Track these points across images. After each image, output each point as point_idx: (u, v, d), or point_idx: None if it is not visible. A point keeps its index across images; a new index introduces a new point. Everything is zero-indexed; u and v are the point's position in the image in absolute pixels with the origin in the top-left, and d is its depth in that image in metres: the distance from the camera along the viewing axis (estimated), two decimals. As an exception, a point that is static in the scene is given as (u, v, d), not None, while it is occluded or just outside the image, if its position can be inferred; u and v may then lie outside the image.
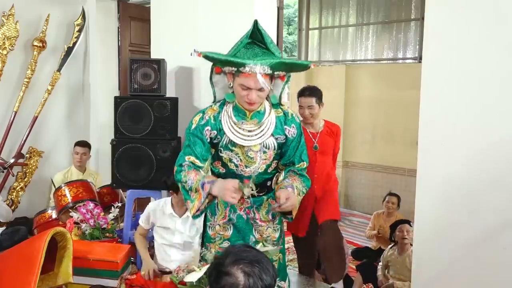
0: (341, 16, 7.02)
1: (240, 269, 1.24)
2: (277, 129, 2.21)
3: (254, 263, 1.27)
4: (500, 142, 2.35)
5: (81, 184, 3.91)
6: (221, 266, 1.27)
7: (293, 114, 2.32)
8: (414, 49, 6.28)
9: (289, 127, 2.23)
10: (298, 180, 2.20)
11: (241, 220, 2.28)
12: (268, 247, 2.21)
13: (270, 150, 2.22)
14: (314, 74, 7.21)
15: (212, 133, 2.23)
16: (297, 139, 2.25)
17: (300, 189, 2.18)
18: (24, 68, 4.64)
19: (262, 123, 2.20)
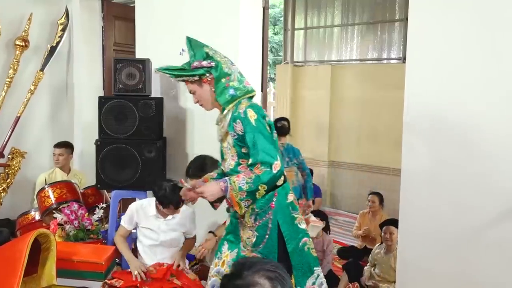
0: (326, 17, 7.05)
1: (263, 276, 1.21)
2: (230, 126, 2.26)
3: (274, 269, 1.25)
4: (483, 141, 2.38)
5: (65, 185, 3.87)
6: (240, 280, 1.23)
7: (241, 111, 2.21)
8: (399, 49, 6.33)
9: (235, 123, 2.22)
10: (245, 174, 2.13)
11: (235, 214, 2.33)
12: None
13: (231, 146, 2.28)
14: (300, 74, 7.24)
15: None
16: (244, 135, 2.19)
17: (237, 184, 2.10)
18: (6, 67, 4.57)
19: (220, 121, 2.33)
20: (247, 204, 2.16)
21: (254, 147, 2.15)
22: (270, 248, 2.25)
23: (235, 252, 2.32)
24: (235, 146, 2.26)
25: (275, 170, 2.13)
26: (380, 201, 5.03)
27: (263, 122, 2.22)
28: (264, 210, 2.24)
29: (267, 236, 2.25)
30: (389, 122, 5.84)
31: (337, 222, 6.25)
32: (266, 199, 2.23)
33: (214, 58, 2.31)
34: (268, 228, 2.25)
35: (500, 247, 2.34)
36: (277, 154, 2.17)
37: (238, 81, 2.31)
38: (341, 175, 6.83)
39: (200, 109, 3.78)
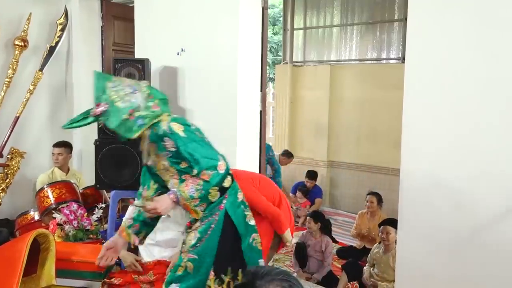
0: (325, 17, 7.05)
1: (277, 286, 1.19)
2: (159, 147, 2.23)
3: (287, 278, 1.23)
4: (483, 141, 2.39)
5: (64, 185, 3.87)
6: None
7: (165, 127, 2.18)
8: (398, 49, 6.34)
9: (164, 142, 2.19)
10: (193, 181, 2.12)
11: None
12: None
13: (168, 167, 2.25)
14: (300, 74, 7.25)
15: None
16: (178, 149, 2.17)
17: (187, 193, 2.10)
18: (5, 67, 4.57)
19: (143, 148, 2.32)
20: (203, 208, 2.17)
21: (193, 158, 2.14)
22: (208, 249, 2.25)
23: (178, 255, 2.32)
24: (172, 165, 2.23)
25: (222, 170, 2.15)
26: (378, 201, 5.03)
27: (191, 130, 2.20)
28: (212, 212, 2.24)
29: (206, 237, 2.24)
30: (388, 122, 5.85)
31: (336, 222, 6.26)
32: (217, 202, 2.23)
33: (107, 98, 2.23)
34: (210, 228, 2.25)
35: (499, 247, 2.35)
36: (217, 154, 2.19)
37: (144, 108, 2.23)
38: (340, 175, 6.83)
39: (200, 109, 3.80)
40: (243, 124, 3.52)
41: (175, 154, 2.18)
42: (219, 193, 2.21)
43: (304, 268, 4.42)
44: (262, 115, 3.73)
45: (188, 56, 3.83)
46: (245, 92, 3.54)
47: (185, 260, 2.25)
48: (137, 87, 2.28)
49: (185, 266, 2.24)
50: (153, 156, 2.28)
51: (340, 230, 5.90)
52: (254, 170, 3.64)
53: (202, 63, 3.72)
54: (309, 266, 4.41)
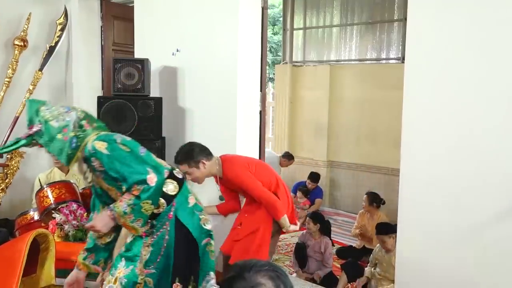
0: (325, 17, 7.05)
1: (265, 276, 1.23)
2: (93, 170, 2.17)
3: (274, 268, 1.27)
4: (482, 141, 2.38)
5: (63, 185, 3.86)
6: (243, 281, 1.24)
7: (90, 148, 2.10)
8: (397, 49, 6.34)
9: (93, 162, 2.12)
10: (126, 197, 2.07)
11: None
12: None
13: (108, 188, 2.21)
14: (299, 74, 7.25)
15: None
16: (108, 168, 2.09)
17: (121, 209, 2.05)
18: (5, 67, 4.57)
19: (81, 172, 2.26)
20: (140, 224, 2.09)
21: (119, 175, 2.07)
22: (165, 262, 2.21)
23: (130, 270, 2.19)
24: (110, 185, 2.17)
25: (153, 183, 2.06)
26: (371, 202, 5.01)
27: (115, 146, 2.10)
28: (161, 224, 2.19)
29: (163, 249, 2.20)
30: (388, 122, 5.85)
31: (336, 222, 6.26)
32: (164, 212, 2.18)
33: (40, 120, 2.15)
34: (164, 240, 2.20)
35: (499, 247, 2.35)
36: (146, 167, 2.08)
37: (78, 127, 2.16)
38: (340, 175, 6.83)
39: (199, 109, 3.81)
40: (243, 124, 3.52)
41: (106, 174, 2.11)
42: (165, 202, 2.15)
43: (304, 268, 4.42)
44: (262, 115, 3.73)
45: (188, 56, 3.83)
46: (245, 92, 3.54)
47: (142, 276, 2.17)
48: (71, 108, 2.23)
49: (144, 282, 2.17)
50: (93, 177, 2.21)
51: (340, 230, 5.90)
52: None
53: (202, 63, 3.73)
54: (308, 266, 4.41)
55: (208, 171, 3.07)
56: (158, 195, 2.12)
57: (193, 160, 3.01)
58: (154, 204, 2.10)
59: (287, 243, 5.33)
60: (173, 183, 2.21)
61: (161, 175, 2.11)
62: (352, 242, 5.30)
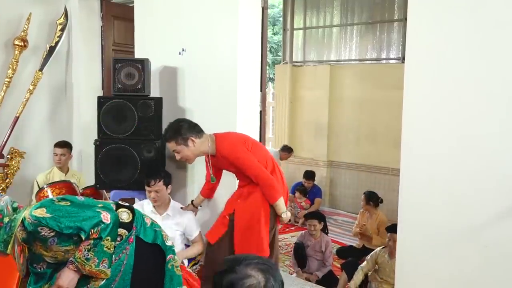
0: (325, 17, 7.06)
1: (254, 268, 1.29)
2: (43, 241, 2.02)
3: (263, 261, 1.32)
4: (482, 141, 2.38)
5: (64, 185, 3.85)
6: (234, 274, 1.28)
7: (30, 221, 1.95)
8: (398, 49, 6.34)
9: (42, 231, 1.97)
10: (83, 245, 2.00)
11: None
12: None
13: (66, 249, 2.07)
14: (299, 74, 7.25)
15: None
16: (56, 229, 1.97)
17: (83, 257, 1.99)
18: (5, 67, 4.57)
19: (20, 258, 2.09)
20: (106, 264, 2.03)
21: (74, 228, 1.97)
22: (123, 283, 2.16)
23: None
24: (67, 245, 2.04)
25: (108, 220, 2.01)
26: (367, 201, 5.02)
27: (54, 205, 2.01)
28: (121, 249, 2.15)
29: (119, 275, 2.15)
30: (388, 122, 5.85)
31: (336, 222, 6.26)
32: (125, 238, 2.16)
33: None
34: (123, 265, 2.16)
35: (499, 247, 2.35)
36: (95, 209, 2.03)
37: (12, 210, 2.06)
38: (340, 175, 6.84)
39: (199, 109, 3.80)
40: (243, 124, 3.52)
41: (59, 236, 1.99)
42: (126, 230, 2.14)
43: (304, 268, 4.42)
44: (262, 115, 3.73)
45: (188, 56, 3.83)
46: (245, 92, 3.54)
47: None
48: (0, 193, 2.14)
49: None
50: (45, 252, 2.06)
51: (340, 230, 5.90)
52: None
53: (202, 63, 3.72)
54: (309, 266, 4.41)
55: (198, 149, 2.95)
56: (116, 230, 2.07)
57: (181, 137, 2.91)
58: (113, 240, 2.05)
59: (287, 243, 5.33)
60: (125, 210, 2.20)
61: (111, 210, 2.07)
62: (352, 242, 5.31)
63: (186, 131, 2.91)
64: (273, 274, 1.30)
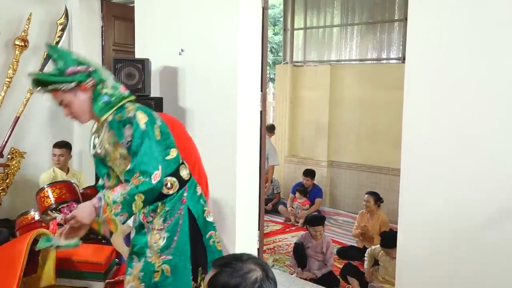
0: (325, 17, 7.06)
1: (252, 263, 1.33)
2: (119, 135, 2.04)
3: (257, 260, 1.36)
4: (483, 141, 2.38)
5: (64, 185, 3.86)
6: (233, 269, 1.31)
7: (130, 114, 2.01)
8: (398, 49, 6.34)
9: (125, 129, 2.02)
10: (121, 186, 1.99)
11: (138, 223, 2.19)
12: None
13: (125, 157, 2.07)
14: (300, 74, 7.25)
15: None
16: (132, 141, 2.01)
17: (112, 198, 1.96)
18: (5, 67, 4.57)
19: (97, 131, 2.17)
20: (123, 218, 1.98)
21: (137, 153, 1.97)
22: (182, 247, 2.14)
23: (142, 262, 2.12)
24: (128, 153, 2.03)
25: (155, 181, 1.98)
26: (376, 201, 5.04)
27: (153, 127, 2.03)
28: (175, 208, 2.13)
29: (177, 234, 2.12)
30: (389, 122, 5.85)
31: (337, 222, 6.26)
32: (176, 197, 2.14)
33: (88, 63, 2.08)
34: (179, 225, 2.13)
35: (500, 247, 2.34)
36: (159, 163, 2.00)
37: (112, 87, 2.08)
38: (341, 175, 6.84)
39: (200, 109, 3.80)
40: (243, 124, 3.52)
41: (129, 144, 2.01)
42: (178, 184, 2.12)
43: (304, 268, 4.42)
44: (262, 115, 3.73)
45: (188, 56, 3.83)
46: (246, 92, 3.54)
47: (159, 263, 2.09)
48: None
49: (161, 269, 2.10)
50: (108, 144, 2.08)
51: (340, 230, 5.90)
52: (254, 170, 3.64)
53: (202, 63, 3.72)
54: (309, 266, 4.41)
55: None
56: (153, 196, 2.04)
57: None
58: (144, 203, 2.01)
59: (287, 243, 5.33)
60: (187, 170, 2.20)
61: (163, 176, 2.03)
62: (352, 242, 5.30)
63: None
64: (269, 268, 1.35)
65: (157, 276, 2.09)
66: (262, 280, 1.28)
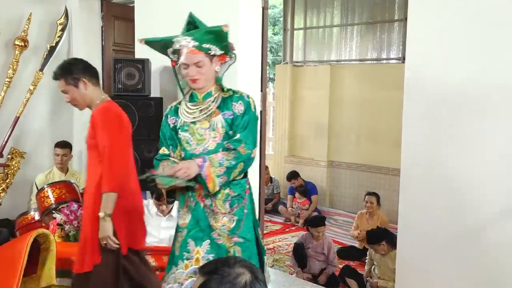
0: (325, 17, 7.06)
1: (240, 266, 1.31)
2: (224, 106, 2.24)
3: (244, 260, 1.34)
4: (482, 141, 2.38)
5: (64, 185, 3.86)
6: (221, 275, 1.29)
7: (244, 93, 2.30)
8: (398, 49, 6.34)
9: (236, 103, 2.24)
10: (224, 153, 2.16)
11: (198, 208, 2.24)
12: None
13: (218, 128, 2.22)
14: (300, 74, 7.24)
15: (173, 119, 2.37)
16: (242, 116, 2.23)
17: (217, 160, 2.12)
18: (5, 67, 4.57)
19: (209, 101, 2.27)
20: (222, 181, 2.12)
21: (246, 128, 2.20)
22: (249, 232, 2.24)
23: (207, 244, 2.21)
24: (226, 126, 2.22)
25: (253, 155, 2.20)
26: (378, 201, 5.04)
27: (257, 116, 2.31)
28: (240, 196, 2.24)
29: (244, 219, 2.23)
30: (388, 122, 5.85)
31: (337, 222, 6.26)
32: (242, 184, 2.26)
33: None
34: (244, 213, 2.24)
35: (499, 247, 2.35)
36: (256, 142, 2.25)
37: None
38: (341, 175, 6.83)
39: (199, 109, 3.80)
40: (243, 124, 3.52)
41: (234, 120, 2.22)
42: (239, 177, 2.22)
43: (305, 268, 4.42)
44: (262, 115, 3.73)
45: (188, 56, 3.83)
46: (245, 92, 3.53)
47: (231, 244, 2.20)
48: None
49: (233, 251, 2.20)
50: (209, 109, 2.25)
51: (340, 230, 5.90)
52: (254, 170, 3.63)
53: (202, 63, 3.72)
54: (310, 267, 4.41)
55: (90, 97, 2.66)
56: (247, 168, 2.23)
57: (71, 76, 2.64)
58: (240, 173, 2.18)
59: (287, 243, 5.33)
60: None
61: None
62: (352, 243, 5.30)
63: (78, 70, 2.65)
64: (258, 270, 1.33)
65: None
66: (252, 282, 1.27)
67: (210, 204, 2.21)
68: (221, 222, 2.20)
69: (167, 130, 2.38)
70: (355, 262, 4.79)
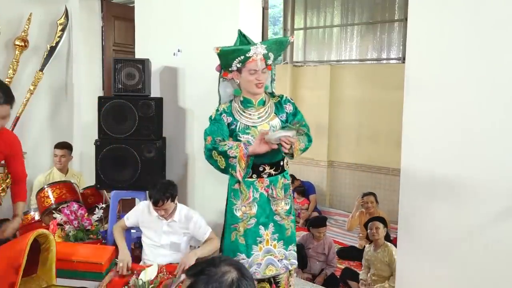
0: (325, 17, 7.06)
1: (226, 265, 1.32)
2: (278, 109, 2.69)
3: (229, 259, 1.37)
4: (482, 142, 2.38)
5: (64, 185, 3.87)
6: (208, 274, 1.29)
7: (285, 95, 2.79)
8: (398, 49, 6.34)
9: (286, 105, 2.71)
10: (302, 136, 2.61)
11: (263, 198, 2.64)
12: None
13: (277, 129, 2.59)
14: (300, 74, 7.24)
15: (228, 119, 2.68)
16: (294, 114, 2.72)
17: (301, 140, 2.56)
18: (5, 67, 4.57)
19: (265, 107, 2.68)
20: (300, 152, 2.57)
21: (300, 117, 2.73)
22: (293, 210, 2.75)
23: (272, 227, 2.66)
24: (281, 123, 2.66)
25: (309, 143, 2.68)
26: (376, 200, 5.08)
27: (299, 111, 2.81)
28: (289, 183, 2.72)
29: (291, 200, 2.74)
30: (389, 122, 5.85)
31: (337, 222, 6.26)
32: (288, 173, 2.72)
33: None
34: (291, 196, 2.76)
35: (499, 247, 2.35)
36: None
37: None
38: (341, 175, 6.83)
39: (200, 109, 3.80)
40: (243, 124, 3.51)
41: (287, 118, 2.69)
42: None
43: (305, 268, 4.42)
44: (262, 115, 3.73)
45: (188, 56, 3.83)
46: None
47: (289, 223, 2.69)
48: None
49: (290, 227, 2.70)
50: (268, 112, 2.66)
51: (340, 230, 5.90)
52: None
53: (203, 63, 3.71)
54: (310, 267, 4.41)
55: None
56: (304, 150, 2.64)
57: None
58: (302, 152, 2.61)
59: (287, 243, 5.32)
60: None
61: None
62: (353, 243, 5.31)
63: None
64: (244, 267, 1.35)
65: (289, 232, 2.71)
66: (239, 279, 1.28)
67: (271, 192, 2.64)
68: (280, 206, 2.66)
69: (224, 125, 2.69)
70: (355, 262, 4.79)
